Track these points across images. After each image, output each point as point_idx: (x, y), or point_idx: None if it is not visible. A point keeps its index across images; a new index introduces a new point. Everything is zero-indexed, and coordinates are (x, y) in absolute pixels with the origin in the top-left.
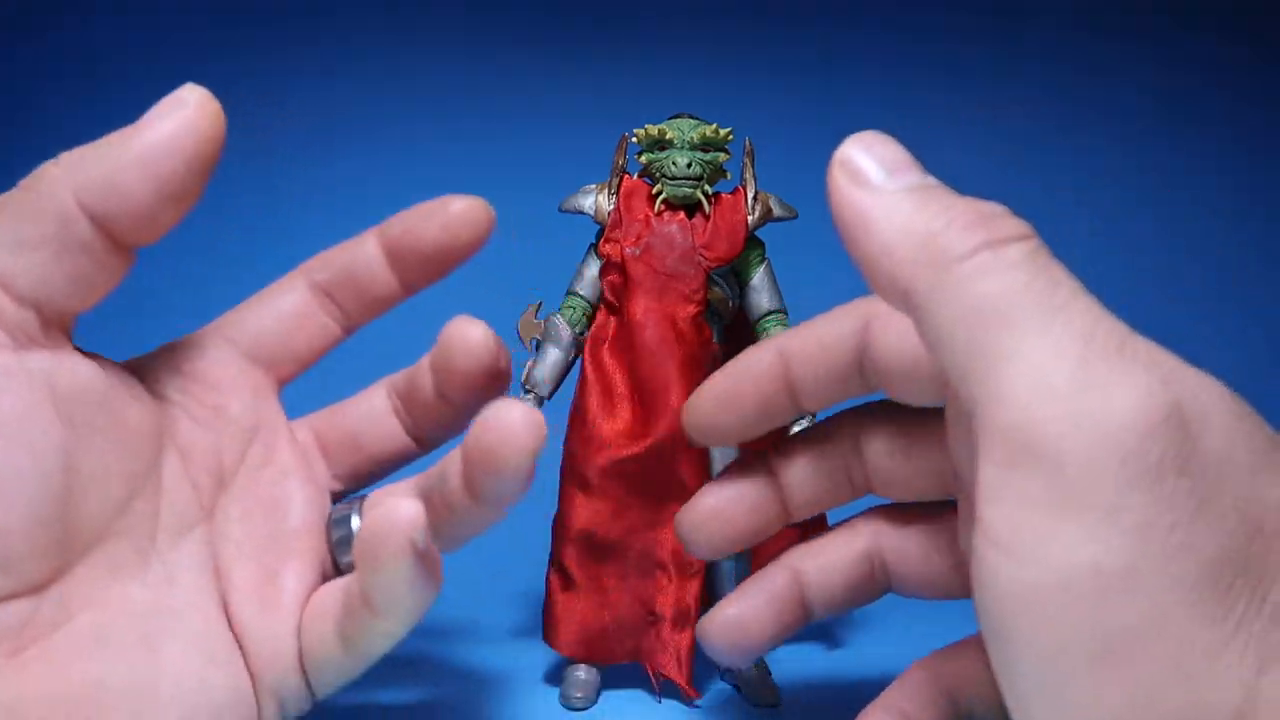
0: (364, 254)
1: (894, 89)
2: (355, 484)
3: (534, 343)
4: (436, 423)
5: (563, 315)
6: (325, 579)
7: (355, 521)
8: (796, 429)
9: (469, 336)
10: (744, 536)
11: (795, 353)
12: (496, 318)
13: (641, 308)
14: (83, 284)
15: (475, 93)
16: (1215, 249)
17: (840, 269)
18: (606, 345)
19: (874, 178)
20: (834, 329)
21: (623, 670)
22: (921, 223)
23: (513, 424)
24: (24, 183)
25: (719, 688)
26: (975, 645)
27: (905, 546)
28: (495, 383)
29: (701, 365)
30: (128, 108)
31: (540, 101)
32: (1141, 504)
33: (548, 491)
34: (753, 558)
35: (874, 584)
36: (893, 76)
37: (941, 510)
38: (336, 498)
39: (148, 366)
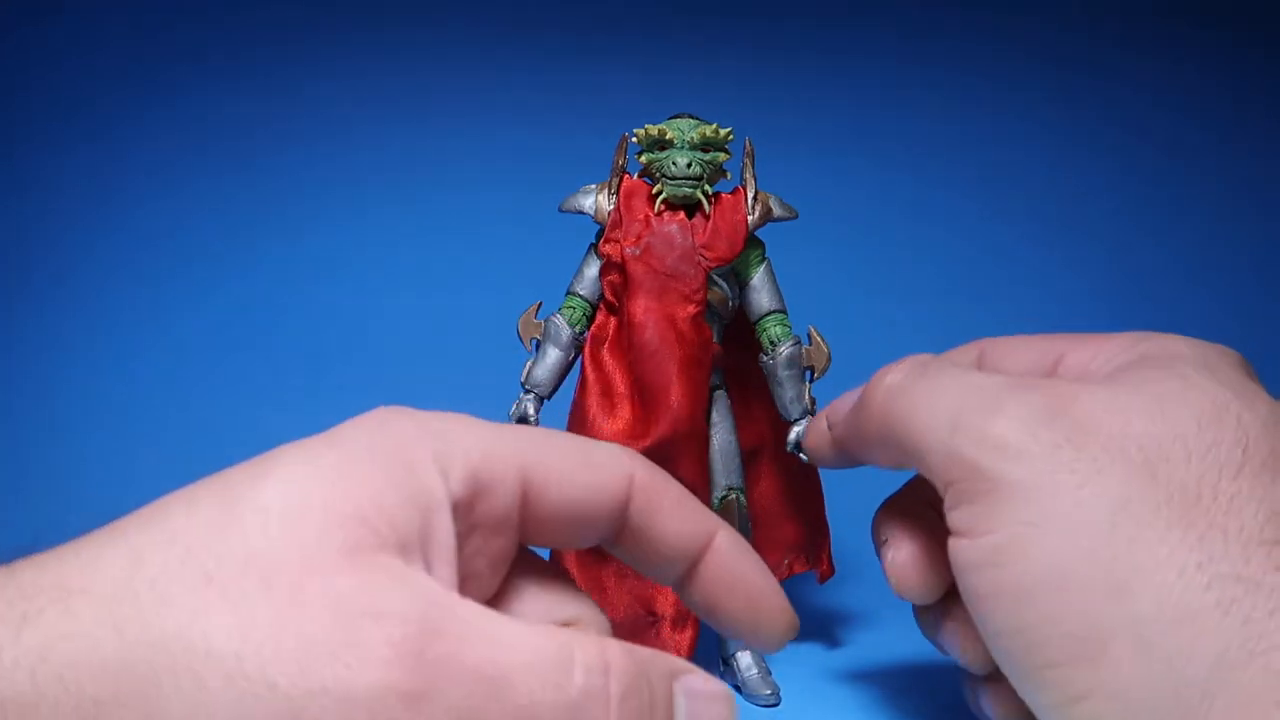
0: None
1: (894, 89)
2: None
3: (534, 343)
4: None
5: (563, 315)
6: None
7: None
8: (796, 429)
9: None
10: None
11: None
12: (497, 318)
13: (641, 308)
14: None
15: (475, 92)
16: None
17: (839, 269)
18: (606, 345)
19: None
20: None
21: None
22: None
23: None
24: None
25: None
26: None
27: None
28: None
29: (701, 365)
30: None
31: (540, 101)
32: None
33: None
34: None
35: None
36: (893, 77)
37: None
38: None
39: None
